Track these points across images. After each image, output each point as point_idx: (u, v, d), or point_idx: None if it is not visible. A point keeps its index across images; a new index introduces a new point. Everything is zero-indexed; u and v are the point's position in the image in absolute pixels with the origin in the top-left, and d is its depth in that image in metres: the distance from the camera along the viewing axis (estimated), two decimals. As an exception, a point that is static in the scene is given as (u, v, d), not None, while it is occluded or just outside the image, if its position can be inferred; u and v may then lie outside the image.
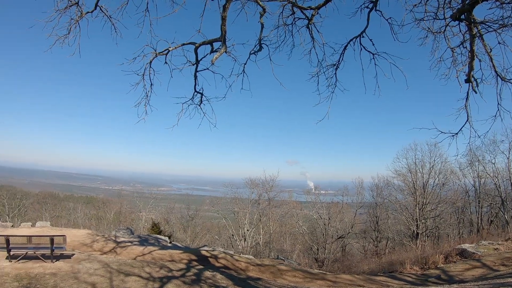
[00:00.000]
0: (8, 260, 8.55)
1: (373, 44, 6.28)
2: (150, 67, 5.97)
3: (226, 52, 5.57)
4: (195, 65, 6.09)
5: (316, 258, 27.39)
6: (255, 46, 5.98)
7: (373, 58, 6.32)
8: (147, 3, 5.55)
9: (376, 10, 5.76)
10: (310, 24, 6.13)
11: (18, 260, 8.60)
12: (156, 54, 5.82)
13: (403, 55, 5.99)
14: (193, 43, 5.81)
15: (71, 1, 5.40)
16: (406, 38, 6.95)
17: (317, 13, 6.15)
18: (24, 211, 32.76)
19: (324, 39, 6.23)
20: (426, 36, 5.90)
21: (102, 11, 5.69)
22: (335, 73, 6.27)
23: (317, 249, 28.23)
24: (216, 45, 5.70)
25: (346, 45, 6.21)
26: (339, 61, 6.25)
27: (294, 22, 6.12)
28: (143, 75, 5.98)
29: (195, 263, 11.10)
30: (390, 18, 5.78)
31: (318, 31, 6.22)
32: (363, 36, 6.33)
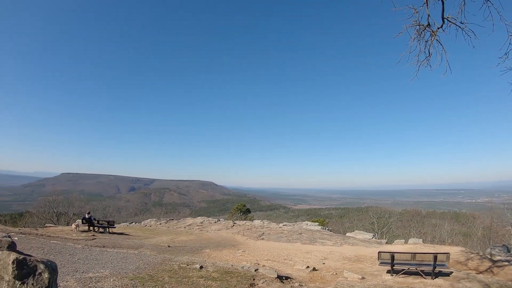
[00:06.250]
0: (389, 274, 9.23)
1: None
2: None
3: None
4: None
5: None
6: None
7: None
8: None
9: None
10: None
11: (398, 275, 9.09)
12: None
13: None
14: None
15: (422, 25, 5.66)
16: None
17: None
18: (390, 228, 34.32)
19: None
20: None
21: (450, 21, 5.65)
22: None
23: None
24: None
25: None
26: None
27: None
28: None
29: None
30: None
31: None
32: None
